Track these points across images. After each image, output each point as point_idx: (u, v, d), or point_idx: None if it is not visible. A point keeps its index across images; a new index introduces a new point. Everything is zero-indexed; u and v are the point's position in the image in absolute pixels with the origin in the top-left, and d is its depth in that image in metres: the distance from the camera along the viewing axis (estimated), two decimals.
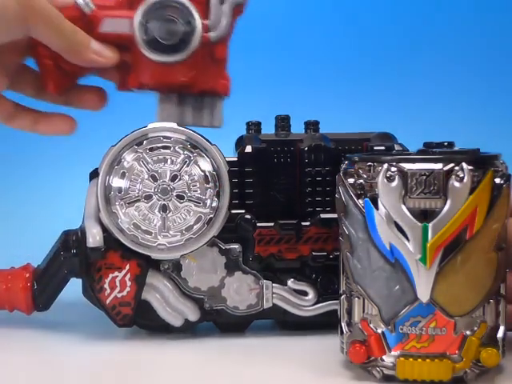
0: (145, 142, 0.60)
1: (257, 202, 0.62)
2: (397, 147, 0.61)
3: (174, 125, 0.61)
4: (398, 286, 0.48)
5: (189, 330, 0.62)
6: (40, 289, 0.64)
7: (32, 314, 0.65)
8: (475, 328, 0.49)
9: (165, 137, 0.60)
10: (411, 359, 0.49)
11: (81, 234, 0.61)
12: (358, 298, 0.50)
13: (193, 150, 0.60)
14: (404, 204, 0.47)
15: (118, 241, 0.60)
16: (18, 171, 1.11)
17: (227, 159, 0.61)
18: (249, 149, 0.62)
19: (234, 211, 0.61)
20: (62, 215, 0.68)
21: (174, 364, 0.57)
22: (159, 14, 0.60)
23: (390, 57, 1.19)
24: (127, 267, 0.61)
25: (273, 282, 0.62)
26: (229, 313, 0.62)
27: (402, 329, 0.49)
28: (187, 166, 0.60)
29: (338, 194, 0.51)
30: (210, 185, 0.60)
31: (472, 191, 0.48)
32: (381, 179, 0.48)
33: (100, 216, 0.60)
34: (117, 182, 0.60)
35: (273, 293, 0.62)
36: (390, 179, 0.47)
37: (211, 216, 0.60)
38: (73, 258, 0.61)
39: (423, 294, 0.48)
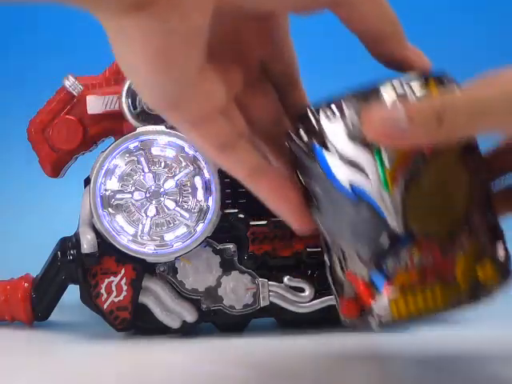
0: (139, 144, 0.60)
1: (249, 201, 0.62)
2: None
3: (162, 127, 0.61)
4: (369, 224, 0.46)
5: (187, 332, 0.62)
6: (38, 297, 0.64)
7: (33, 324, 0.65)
8: (465, 246, 0.45)
9: (160, 140, 0.61)
10: (403, 295, 0.46)
11: (76, 240, 0.61)
12: (337, 250, 0.48)
13: (194, 163, 0.60)
14: (352, 139, 0.45)
15: (113, 245, 0.60)
16: (15, 177, 1.13)
17: None
18: None
19: (226, 211, 0.61)
20: (61, 224, 0.68)
21: (174, 364, 0.57)
22: None
23: None
24: (123, 271, 0.61)
25: (269, 280, 0.62)
26: (226, 313, 0.62)
27: (386, 267, 0.46)
28: (185, 176, 0.60)
29: (288, 152, 0.48)
30: (201, 198, 0.60)
31: None
32: (323, 122, 0.45)
33: (93, 221, 0.60)
34: (109, 185, 0.60)
35: (269, 291, 0.62)
36: (331, 119, 0.45)
37: (195, 227, 0.60)
38: (69, 263, 0.61)
39: (396, 224, 0.45)
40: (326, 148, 0.45)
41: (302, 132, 0.46)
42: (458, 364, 0.54)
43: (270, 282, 0.62)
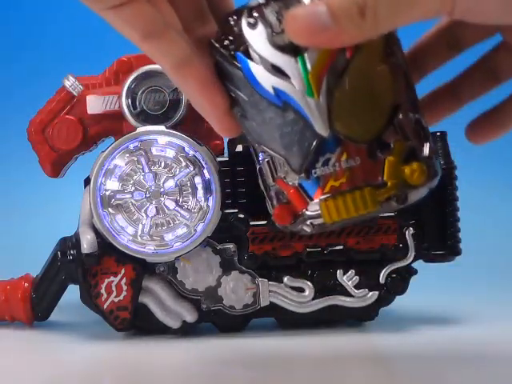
0: (139, 144, 0.60)
1: (249, 201, 0.62)
2: None
3: (162, 127, 0.61)
4: (295, 129, 0.45)
5: (187, 332, 0.62)
6: (38, 297, 0.64)
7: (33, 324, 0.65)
8: (391, 148, 0.45)
9: (160, 140, 0.61)
10: (333, 199, 0.45)
11: (76, 240, 0.61)
12: (266, 158, 0.47)
13: (194, 163, 0.60)
14: (274, 44, 0.44)
15: (113, 245, 0.60)
16: (15, 177, 1.13)
17: (219, 159, 0.61)
18: (239, 148, 0.62)
19: (226, 211, 0.61)
20: (62, 224, 0.68)
21: (174, 364, 0.57)
22: (145, 85, 0.62)
23: None
24: (122, 271, 0.61)
25: (269, 280, 0.62)
26: (226, 313, 0.62)
27: (315, 172, 0.45)
28: (185, 175, 0.60)
29: (215, 63, 0.47)
30: (201, 198, 0.60)
31: None
32: (245, 29, 0.45)
33: (93, 221, 0.60)
34: (109, 185, 0.60)
35: (269, 291, 0.62)
36: (253, 25, 0.44)
37: (195, 227, 0.60)
38: (69, 263, 0.61)
39: (322, 127, 0.44)
40: (249, 55, 0.45)
41: (224, 40, 0.45)
42: (457, 364, 0.54)
43: (270, 282, 0.62)
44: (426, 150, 0.46)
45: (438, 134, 0.63)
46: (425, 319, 0.66)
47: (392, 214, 0.61)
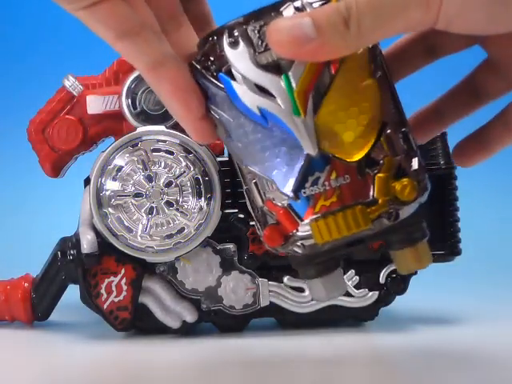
0: (140, 144, 0.60)
1: None
2: None
3: (162, 127, 0.61)
4: (282, 149, 0.44)
5: (187, 332, 0.62)
6: (38, 297, 0.64)
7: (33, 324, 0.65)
8: (380, 165, 0.44)
9: (160, 140, 0.61)
10: (324, 219, 0.44)
11: (76, 240, 0.61)
12: (253, 179, 0.46)
13: (194, 163, 0.60)
14: (257, 63, 0.43)
15: (112, 245, 0.60)
16: (15, 177, 1.13)
17: (218, 159, 0.61)
18: None
19: (226, 211, 0.61)
20: (62, 224, 0.68)
21: (174, 364, 0.57)
22: (145, 85, 0.62)
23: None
24: (122, 271, 0.61)
25: (269, 280, 0.62)
26: (226, 312, 0.62)
27: (304, 193, 0.44)
28: (185, 175, 0.60)
29: (198, 84, 0.46)
30: (202, 199, 0.60)
31: None
32: (226, 49, 0.44)
33: (93, 221, 0.60)
34: (109, 185, 0.60)
35: (269, 291, 0.62)
36: (234, 45, 0.43)
37: (195, 227, 0.60)
38: (69, 263, 0.61)
39: (310, 147, 0.43)
40: (232, 75, 0.44)
41: (205, 61, 0.45)
42: (457, 364, 0.54)
43: (269, 282, 0.62)
44: (416, 164, 0.45)
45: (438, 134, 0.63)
46: (425, 319, 0.66)
47: None
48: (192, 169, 0.60)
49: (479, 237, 0.87)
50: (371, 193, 0.44)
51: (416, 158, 0.45)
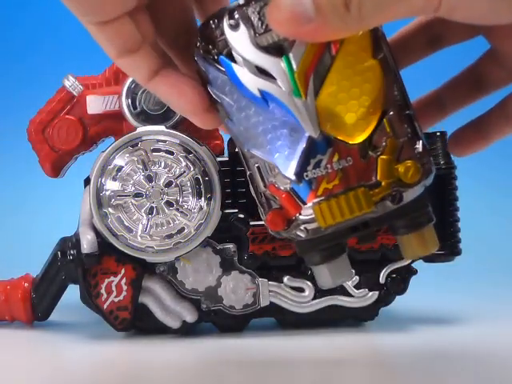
0: (140, 144, 0.60)
1: (249, 201, 0.62)
2: None
3: (162, 127, 0.61)
4: (284, 132, 0.44)
5: (187, 332, 0.62)
6: (38, 297, 0.64)
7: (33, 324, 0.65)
8: (383, 147, 0.44)
9: (160, 140, 0.61)
10: (327, 202, 0.44)
11: (76, 240, 0.61)
12: (256, 163, 0.46)
13: (194, 163, 0.60)
14: (257, 45, 0.43)
15: (112, 245, 0.60)
16: (15, 177, 1.13)
17: (218, 159, 0.61)
18: None
19: (226, 211, 0.61)
20: (62, 224, 0.68)
21: (174, 364, 0.57)
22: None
23: None
24: (122, 271, 0.61)
25: (269, 280, 0.62)
26: (226, 313, 0.62)
27: (307, 176, 0.44)
28: (185, 175, 0.60)
29: (198, 68, 0.46)
30: (202, 199, 0.60)
31: None
32: (227, 31, 0.44)
33: (93, 221, 0.60)
34: (109, 185, 0.60)
35: (269, 291, 0.62)
36: (234, 27, 0.43)
37: (195, 227, 0.60)
38: (69, 263, 0.61)
39: (311, 129, 0.43)
40: (232, 58, 0.44)
41: (206, 45, 0.45)
42: (457, 364, 0.54)
43: (269, 282, 0.62)
44: (420, 146, 0.45)
45: (438, 133, 0.63)
46: (425, 319, 0.66)
47: None
48: (192, 169, 0.60)
49: (479, 237, 0.87)
50: (374, 175, 0.44)
51: (420, 141, 0.45)
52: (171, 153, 0.60)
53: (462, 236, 0.64)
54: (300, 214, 0.44)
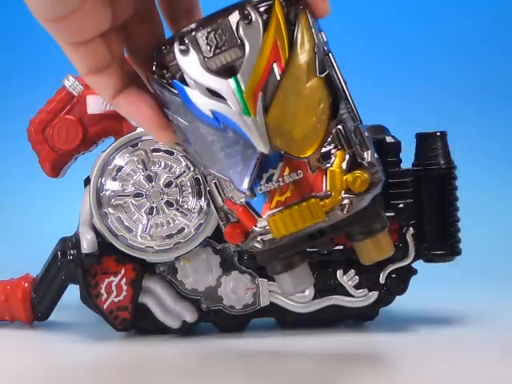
0: (139, 144, 0.60)
1: None
2: (389, 139, 0.62)
3: None
4: (236, 149, 0.46)
5: (187, 332, 0.62)
6: (38, 297, 0.64)
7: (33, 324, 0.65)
8: (332, 159, 0.46)
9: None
10: (279, 214, 0.46)
11: (76, 240, 0.61)
12: (213, 179, 0.48)
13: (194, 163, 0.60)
14: (207, 68, 0.45)
15: (112, 245, 0.60)
16: (15, 177, 1.13)
17: None
18: None
19: None
20: (62, 224, 0.68)
21: (174, 364, 0.57)
22: None
23: (384, 49, 1.19)
24: (122, 271, 0.61)
25: (269, 280, 0.62)
26: (226, 312, 0.62)
27: (260, 190, 0.46)
28: (185, 175, 0.60)
29: (154, 92, 0.49)
30: (202, 199, 0.60)
31: (265, 27, 0.45)
32: (178, 56, 0.46)
33: (93, 221, 0.60)
34: (109, 185, 0.60)
35: (269, 291, 0.62)
36: (185, 52, 0.45)
37: (195, 227, 0.60)
38: (69, 263, 0.61)
39: (262, 145, 0.45)
40: (184, 81, 0.46)
41: (160, 70, 0.47)
42: (457, 364, 0.54)
43: (269, 282, 0.62)
44: (368, 157, 0.47)
45: (438, 133, 0.63)
46: (425, 319, 0.66)
47: (392, 214, 0.61)
48: (192, 169, 0.60)
49: (479, 237, 0.87)
50: (324, 186, 0.46)
51: (369, 151, 0.47)
52: (171, 153, 0.60)
53: (461, 236, 0.64)
54: (256, 227, 0.47)
